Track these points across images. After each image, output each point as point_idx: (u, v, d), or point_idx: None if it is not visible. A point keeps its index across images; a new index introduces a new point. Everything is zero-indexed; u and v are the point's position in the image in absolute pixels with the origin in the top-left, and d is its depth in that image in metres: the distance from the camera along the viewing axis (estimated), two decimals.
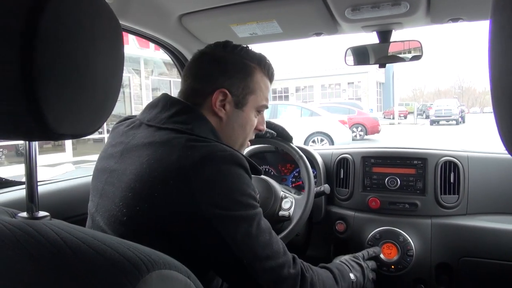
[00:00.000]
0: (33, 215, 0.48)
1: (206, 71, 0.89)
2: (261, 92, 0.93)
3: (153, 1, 1.17)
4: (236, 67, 0.89)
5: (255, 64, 0.92)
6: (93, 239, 0.42)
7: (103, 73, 0.48)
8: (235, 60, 0.89)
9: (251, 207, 0.75)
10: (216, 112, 0.87)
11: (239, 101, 0.90)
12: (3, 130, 0.44)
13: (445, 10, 1.17)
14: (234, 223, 0.71)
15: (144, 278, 0.38)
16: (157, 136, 0.78)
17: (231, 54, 0.90)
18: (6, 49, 0.40)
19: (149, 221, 0.71)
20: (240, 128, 0.92)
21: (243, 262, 0.72)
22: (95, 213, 0.80)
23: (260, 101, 0.93)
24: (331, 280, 0.93)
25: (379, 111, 31.73)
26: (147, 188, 0.71)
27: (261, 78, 0.93)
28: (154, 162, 0.73)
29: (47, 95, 0.41)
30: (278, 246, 0.78)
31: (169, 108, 0.83)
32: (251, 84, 0.90)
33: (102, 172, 0.83)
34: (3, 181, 1.05)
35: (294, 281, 0.78)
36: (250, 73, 0.90)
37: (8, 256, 0.40)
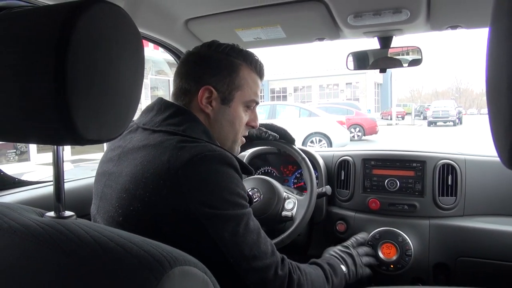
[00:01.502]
0: (60, 214, 0.51)
1: (192, 70, 0.91)
2: (248, 88, 0.94)
3: (161, 6, 1.20)
4: (220, 64, 0.91)
5: (241, 61, 0.93)
6: (119, 237, 0.45)
7: (125, 80, 0.51)
8: (219, 57, 0.91)
9: (239, 207, 0.76)
10: (203, 109, 0.90)
11: (225, 97, 0.91)
12: (34, 135, 0.47)
13: (445, 18, 1.21)
14: (222, 222, 0.73)
15: (167, 273, 0.41)
16: (151, 138, 0.80)
17: (216, 52, 0.92)
18: (43, 62, 0.43)
19: (144, 221, 0.73)
20: (228, 124, 0.94)
21: (230, 261, 0.73)
22: (96, 215, 0.83)
23: (247, 96, 0.94)
24: (321, 278, 0.94)
25: (377, 111, 31.79)
26: (140, 189, 0.73)
27: (248, 74, 0.94)
28: (147, 163, 0.75)
29: (77, 103, 0.44)
30: (266, 247, 0.79)
31: (164, 111, 0.86)
32: (237, 80, 0.92)
33: (102, 175, 0.86)
34: (16, 181, 1.08)
35: (281, 283, 0.78)
36: (236, 70, 0.92)
37: (43, 252, 0.43)
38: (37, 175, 4.57)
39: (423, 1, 1.10)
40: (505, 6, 0.28)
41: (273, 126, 1.34)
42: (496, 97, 0.30)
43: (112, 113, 0.49)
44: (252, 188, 1.30)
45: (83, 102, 0.45)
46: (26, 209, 0.53)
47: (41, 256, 0.43)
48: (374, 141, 13.46)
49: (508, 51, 0.27)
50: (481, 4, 1.08)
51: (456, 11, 1.16)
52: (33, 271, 0.42)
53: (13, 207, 0.53)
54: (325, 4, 1.15)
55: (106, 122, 0.49)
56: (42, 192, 1.11)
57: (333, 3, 1.14)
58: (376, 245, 1.40)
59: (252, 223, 0.79)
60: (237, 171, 0.80)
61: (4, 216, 0.49)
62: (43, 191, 1.11)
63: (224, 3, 1.20)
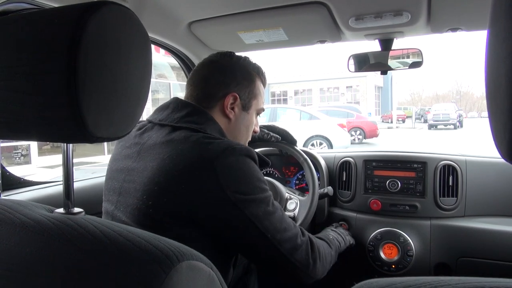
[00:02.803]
0: (69, 211, 0.52)
1: (218, 77, 0.98)
2: (260, 97, 1.06)
3: (164, 9, 1.22)
4: (242, 74, 1.00)
5: (255, 73, 1.04)
6: (128, 232, 0.46)
7: (134, 80, 0.52)
8: (241, 68, 1.01)
9: (265, 191, 0.86)
10: (227, 114, 0.98)
11: (246, 104, 1.01)
12: (45, 133, 0.49)
13: (445, 20, 1.22)
14: (255, 205, 0.82)
15: (175, 267, 0.42)
16: (174, 135, 0.86)
17: (238, 64, 1.02)
18: (54, 62, 0.44)
19: (177, 211, 0.78)
20: (244, 129, 1.04)
21: (267, 236, 0.82)
22: (115, 210, 0.86)
23: (260, 104, 1.06)
24: (326, 245, 1.08)
25: (378, 115, 31.78)
26: (173, 181, 0.78)
27: (260, 85, 1.05)
28: (177, 157, 0.80)
29: (87, 102, 0.45)
30: (290, 220, 0.91)
31: (181, 110, 0.91)
32: (254, 90, 1.03)
33: (119, 172, 0.89)
34: (21, 181, 1.09)
35: (306, 246, 0.91)
36: (253, 80, 1.03)
37: (54, 246, 0.44)
38: (38, 178, 4.57)
39: (423, 4, 1.11)
40: (503, 8, 0.29)
41: (275, 127, 1.36)
42: (495, 94, 0.31)
43: (121, 112, 0.51)
44: None
45: (93, 100, 0.46)
46: (36, 206, 0.54)
47: (52, 250, 0.44)
48: (375, 144, 13.45)
49: (507, 50, 0.28)
50: (481, 7, 1.10)
51: (456, 13, 1.18)
52: (45, 265, 0.43)
53: (24, 203, 0.54)
54: (327, 6, 1.16)
55: (115, 121, 0.50)
56: (48, 192, 1.12)
57: (334, 6, 1.16)
58: (378, 245, 1.41)
59: (275, 202, 0.89)
60: (257, 163, 0.88)
61: (16, 212, 0.50)
62: (49, 191, 1.13)
63: (227, 6, 1.21)
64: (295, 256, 0.87)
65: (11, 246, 0.46)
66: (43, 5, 0.94)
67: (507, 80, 0.28)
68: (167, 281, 0.40)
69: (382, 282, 0.38)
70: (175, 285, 0.41)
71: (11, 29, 0.49)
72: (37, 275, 0.43)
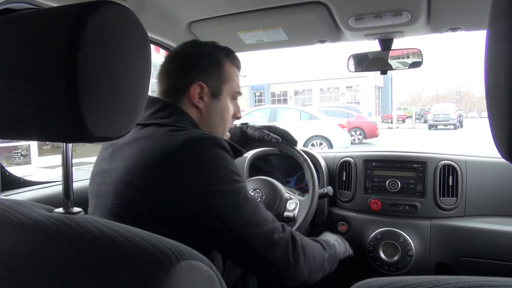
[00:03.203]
0: (68, 211, 0.52)
1: (181, 68, 0.96)
2: (233, 81, 1.01)
3: (164, 9, 1.22)
4: (207, 60, 0.96)
5: (224, 56, 0.99)
6: (127, 232, 0.46)
7: (133, 79, 0.52)
8: (205, 54, 0.97)
9: (235, 181, 0.81)
10: (196, 104, 0.94)
11: (215, 91, 0.97)
12: (45, 133, 0.49)
13: (445, 20, 1.22)
14: (221, 196, 0.78)
15: (174, 267, 0.42)
16: (142, 132, 0.85)
17: (201, 50, 0.98)
18: (53, 61, 0.44)
19: (144, 209, 0.76)
20: (219, 117, 1.00)
21: (235, 230, 0.78)
22: (94, 213, 0.86)
23: (233, 88, 1.01)
24: (318, 246, 1.01)
25: (378, 115, 31.78)
26: (137, 178, 0.77)
27: (231, 68, 1.01)
28: (140, 153, 0.79)
29: (87, 101, 0.45)
30: (267, 215, 0.85)
31: (151, 106, 0.90)
32: (223, 75, 0.98)
33: (96, 175, 0.90)
34: (21, 181, 1.09)
35: (286, 243, 0.85)
36: (221, 65, 0.98)
37: (53, 245, 0.44)
38: (38, 178, 4.58)
39: (423, 4, 1.11)
40: (502, 8, 0.29)
41: (275, 128, 1.36)
42: (495, 93, 0.31)
43: (120, 111, 0.51)
44: (254, 188, 1.31)
45: (93, 100, 0.46)
46: (35, 205, 0.54)
47: (51, 250, 0.44)
48: (375, 145, 13.45)
49: (506, 50, 0.28)
50: (480, 6, 1.10)
51: (456, 13, 1.18)
52: (44, 264, 0.43)
53: (23, 203, 0.54)
54: (327, 6, 1.16)
55: (114, 120, 0.50)
56: (48, 192, 1.12)
57: (334, 6, 1.16)
58: (378, 245, 1.41)
59: (250, 195, 0.84)
60: (228, 152, 0.84)
61: (15, 212, 0.50)
62: (49, 191, 1.13)
63: (227, 6, 1.21)
64: (271, 253, 0.82)
65: (11, 245, 0.46)
66: (42, 5, 0.94)
67: (507, 79, 0.28)
68: (166, 281, 0.40)
69: (382, 281, 0.38)
70: (174, 284, 0.41)
71: (11, 29, 0.49)
72: (37, 274, 0.43)
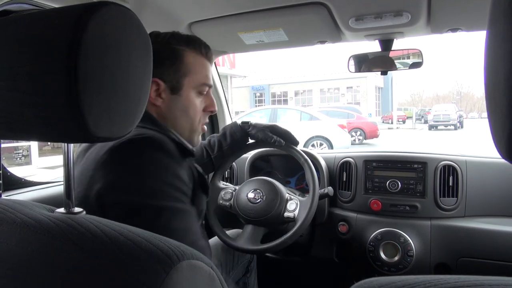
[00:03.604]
0: (70, 210, 0.53)
1: None
2: (196, 73, 0.92)
3: (165, 9, 1.22)
4: (162, 54, 0.87)
5: (184, 47, 0.91)
6: (128, 231, 0.46)
7: (134, 79, 0.52)
8: (160, 48, 0.87)
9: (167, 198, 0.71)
10: (153, 102, 0.88)
11: (174, 86, 0.89)
12: (46, 133, 0.49)
13: (445, 21, 1.23)
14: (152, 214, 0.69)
15: (175, 266, 0.42)
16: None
17: (156, 44, 0.85)
18: (55, 61, 0.44)
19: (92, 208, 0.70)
20: (183, 113, 0.91)
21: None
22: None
23: (196, 81, 0.92)
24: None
25: (378, 115, 31.77)
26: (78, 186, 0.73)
27: (194, 59, 0.92)
28: (86, 160, 0.76)
29: (88, 102, 0.45)
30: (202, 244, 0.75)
31: None
32: (182, 67, 0.89)
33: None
34: (22, 181, 1.09)
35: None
36: (179, 57, 0.89)
37: (55, 245, 0.44)
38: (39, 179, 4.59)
39: (423, 4, 1.11)
40: (502, 8, 0.29)
41: (277, 128, 1.35)
42: (494, 93, 0.31)
43: (122, 111, 0.51)
44: (255, 189, 1.31)
45: (94, 100, 0.46)
46: (37, 205, 0.55)
47: (53, 249, 0.44)
48: (375, 145, 13.45)
49: (506, 50, 0.28)
50: (481, 7, 1.10)
51: (456, 14, 1.18)
52: (46, 264, 0.44)
53: (24, 203, 0.54)
54: (327, 7, 1.17)
55: (116, 120, 0.50)
56: (49, 192, 1.13)
57: (334, 7, 1.16)
58: (378, 246, 1.41)
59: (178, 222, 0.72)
60: (170, 155, 0.75)
61: (17, 212, 0.50)
62: (50, 191, 1.13)
63: (228, 7, 1.21)
64: None
65: (12, 245, 0.46)
66: (43, 6, 0.94)
67: (506, 79, 0.28)
68: (167, 280, 0.40)
69: (382, 280, 0.38)
70: (175, 284, 0.41)
71: (12, 30, 0.49)
72: (38, 274, 0.43)
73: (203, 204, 0.93)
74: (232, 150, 1.34)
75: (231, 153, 1.36)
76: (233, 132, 1.32)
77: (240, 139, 1.33)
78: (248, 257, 1.49)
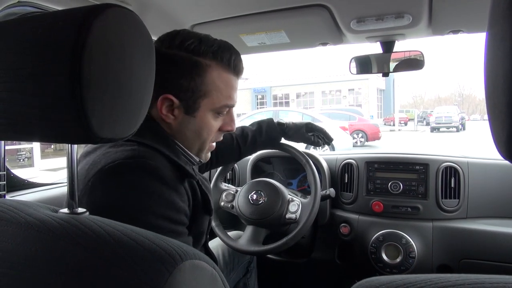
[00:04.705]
0: (73, 211, 0.53)
1: None
2: (218, 93, 0.79)
3: (167, 11, 1.23)
4: (183, 66, 0.75)
5: (209, 60, 0.77)
6: (132, 231, 0.46)
7: (137, 82, 0.53)
8: (182, 57, 0.75)
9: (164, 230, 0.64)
10: (164, 119, 0.77)
11: (189, 106, 0.77)
12: (50, 134, 0.49)
13: (446, 23, 1.23)
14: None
15: (178, 266, 0.42)
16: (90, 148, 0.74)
17: (178, 51, 0.76)
18: (59, 63, 0.44)
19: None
20: (194, 135, 0.81)
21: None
22: None
23: (217, 103, 0.80)
24: None
25: (380, 117, 31.76)
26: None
27: (219, 76, 0.78)
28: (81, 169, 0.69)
29: (92, 103, 0.46)
30: None
31: None
32: (203, 86, 0.77)
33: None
34: (25, 182, 1.10)
35: None
36: (201, 73, 0.76)
37: (59, 245, 0.45)
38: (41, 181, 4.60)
39: (425, 6, 1.11)
40: (501, 9, 0.29)
41: (313, 126, 1.37)
42: (494, 93, 0.31)
43: (125, 113, 0.51)
44: (257, 190, 1.32)
45: (98, 101, 0.46)
46: (41, 206, 0.55)
47: (57, 249, 0.44)
48: (377, 147, 13.42)
49: (505, 50, 0.29)
50: (482, 9, 1.10)
51: (457, 15, 1.18)
52: (50, 264, 0.44)
53: (28, 203, 0.55)
54: (328, 9, 1.17)
55: (119, 121, 0.51)
56: (52, 193, 1.13)
57: (336, 8, 1.16)
58: (380, 247, 1.41)
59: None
60: (165, 181, 0.67)
61: (21, 212, 0.50)
62: (53, 192, 1.14)
63: (229, 9, 1.22)
64: None
65: (16, 245, 0.46)
66: (47, 9, 0.95)
67: (505, 79, 0.29)
68: (170, 280, 0.40)
69: (383, 279, 0.39)
70: (178, 284, 0.41)
71: (16, 32, 0.50)
72: (42, 273, 0.43)
73: (205, 224, 0.86)
74: (265, 146, 1.35)
75: (262, 148, 1.37)
76: (270, 131, 1.31)
77: (275, 139, 1.33)
78: (247, 258, 1.49)
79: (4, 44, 0.49)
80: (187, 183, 0.77)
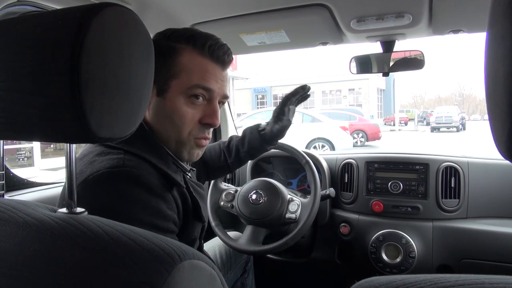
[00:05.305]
0: (72, 210, 0.53)
1: None
2: (188, 74, 0.78)
3: (167, 11, 1.23)
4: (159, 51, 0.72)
5: (183, 44, 0.78)
6: (130, 231, 0.46)
7: (136, 81, 0.52)
8: (159, 44, 0.77)
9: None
10: None
11: (160, 88, 0.78)
12: (49, 134, 0.49)
13: (446, 22, 1.23)
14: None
15: (177, 266, 0.42)
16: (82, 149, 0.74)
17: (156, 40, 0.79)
18: (58, 62, 0.44)
19: None
20: (167, 120, 0.79)
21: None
22: None
23: (186, 83, 0.77)
24: None
25: (380, 117, 31.75)
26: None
27: (191, 58, 0.78)
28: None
29: (91, 103, 0.46)
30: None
31: None
32: (173, 67, 0.77)
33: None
34: (25, 182, 1.10)
35: None
36: (173, 55, 0.78)
37: (57, 245, 0.44)
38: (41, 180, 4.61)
39: (425, 6, 1.11)
40: (501, 8, 0.29)
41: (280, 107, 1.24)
42: (494, 93, 0.31)
43: (123, 112, 0.51)
44: (257, 190, 1.31)
45: (96, 101, 0.46)
46: (39, 205, 0.55)
47: (55, 249, 0.44)
48: (377, 147, 13.42)
49: (505, 50, 0.29)
50: (482, 8, 1.10)
51: (457, 15, 1.18)
52: (48, 263, 0.44)
53: (27, 203, 0.55)
54: (329, 8, 1.17)
55: (118, 121, 0.51)
56: (51, 193, 1.13)
57: (336, 8, 1.16)
58: (380, 247, 1.41)
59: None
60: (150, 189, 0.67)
61: (19, 211, 0.50)
62: (52, 192, 1.13)
63: (229, 8, 1.22)
64: None
65: (14, 245, 0.46)
66: (47, 8, 0.94)
67: (506, 79, 0.28)
68: (169, 280, 0.40)
69: (382, 279, 0.38)
70: (177, 284, 0.41)
71: (15, 31, 0.49)
72: (40, 273, 0.43)
73: (196, 231, 0.85)
74: (250, 156, 1.21)
75: (249, 158, 1.24)
76: (251, 140, 1.18)
77: (257, 148, 1.19)
78: (245, 258, 1.49)
79: (4, 43, 0.49)
80: (176, 191, 0.76)
